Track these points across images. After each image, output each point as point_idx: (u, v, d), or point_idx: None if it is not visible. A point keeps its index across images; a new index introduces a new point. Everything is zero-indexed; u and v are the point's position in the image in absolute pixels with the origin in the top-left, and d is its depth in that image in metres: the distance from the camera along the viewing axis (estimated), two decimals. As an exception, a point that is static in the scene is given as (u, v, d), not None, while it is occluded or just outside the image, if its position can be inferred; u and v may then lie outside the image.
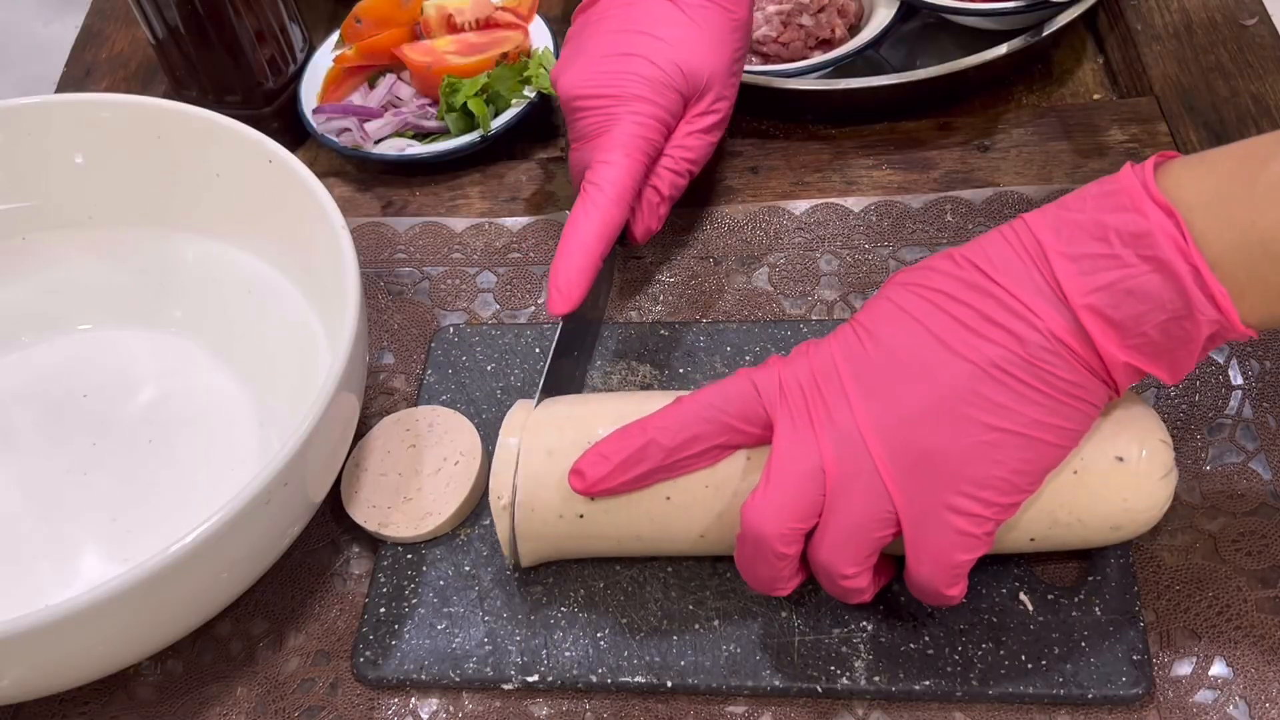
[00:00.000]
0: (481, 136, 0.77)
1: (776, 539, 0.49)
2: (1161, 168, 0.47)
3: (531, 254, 0.73)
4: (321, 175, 0.63)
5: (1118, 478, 0.51)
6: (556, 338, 0.61)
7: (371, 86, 0.82)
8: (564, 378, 0.62)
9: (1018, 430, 0.47)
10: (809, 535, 0.50)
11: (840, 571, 0.49)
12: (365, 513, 0.60)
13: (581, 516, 0.53)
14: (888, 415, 0.48)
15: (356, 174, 0.81)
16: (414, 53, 0.79)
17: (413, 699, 0.56)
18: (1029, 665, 0.52)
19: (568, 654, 0.55)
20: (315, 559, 0.61)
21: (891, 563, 0.53)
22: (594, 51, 0.64)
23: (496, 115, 0.78)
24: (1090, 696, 0.51)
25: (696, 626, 0.55)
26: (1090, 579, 0.55)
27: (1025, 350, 0.46)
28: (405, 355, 0.69)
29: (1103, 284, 0.45)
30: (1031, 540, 0.53)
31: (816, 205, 0.72)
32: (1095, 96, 0.79)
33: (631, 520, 0.53)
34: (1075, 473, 0.51)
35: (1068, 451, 0.49)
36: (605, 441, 0.52)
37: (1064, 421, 0.48)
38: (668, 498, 0.53)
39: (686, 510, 0.53)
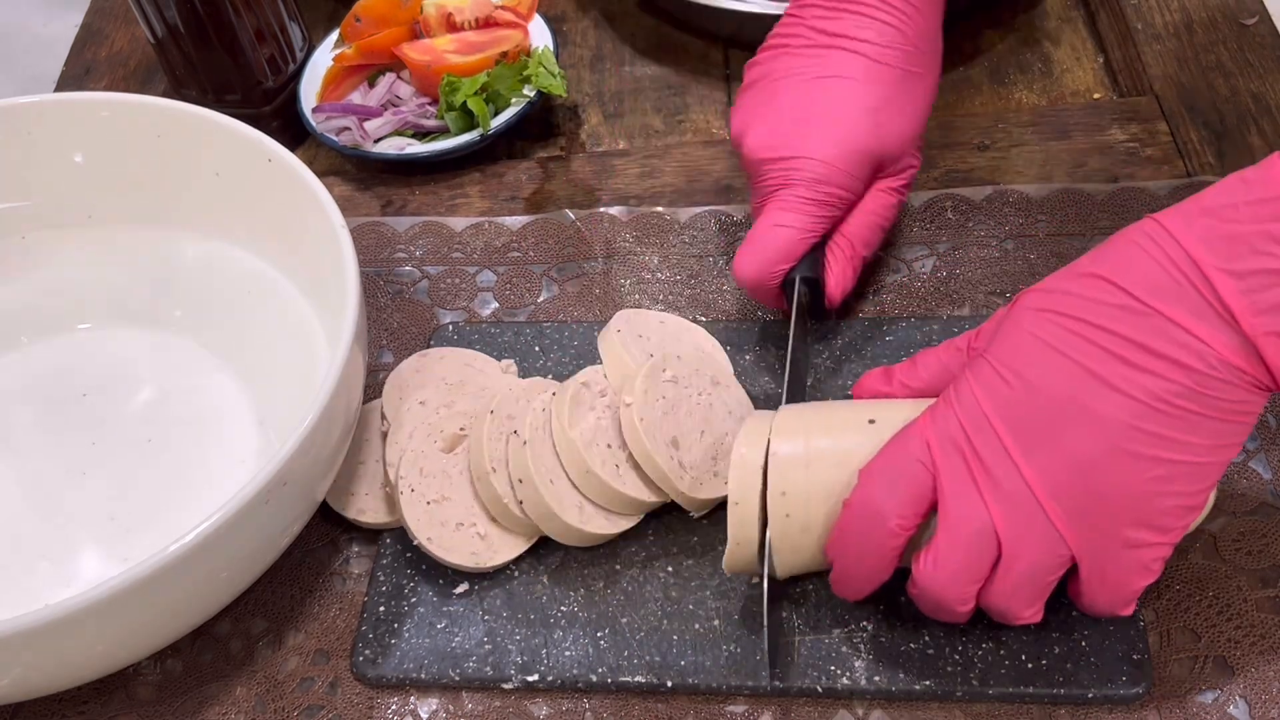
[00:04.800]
0: (481, 135, 0.77)
1: (956, 602, 0.48)
2: None
3: (531, 253, 0.73)
4: (321, 174, 0.63)
5: None
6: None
7: (371, 85, 0.82)
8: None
9: (1187, 459, 0.45)
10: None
11: (1017, 615, 0.49)
12: (342, 500, 0.60)
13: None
14: (1053, 465, 0.46)
15: (356, 173, 0.81)
16: (413, 51, 0.79)
17: (412, 698, 0.56)
18: (1029, 665, 0.52)
19: (568, 653, 0.55)
20: (315, 558, 0.61)
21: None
22: (786, 111, 0.61)
23: (496, 114, 0.78)
24: (1090, 696, 0.51)
25: (696, 626, 0.55)
26: (1090, 578, 0.55)
27: (1191, 379, 0.44)
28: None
29: (1276, 302, 0.43)
30: None
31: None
32: (1095, 96, 0.79)
33: None
34: None
35: (1228, 464, 0.47)
36: (843, 591, 0.51)
37: (1230, 440, 0.46)
38: (787, 514, 0.52)
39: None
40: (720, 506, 0.59)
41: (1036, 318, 0.48)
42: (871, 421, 0.52)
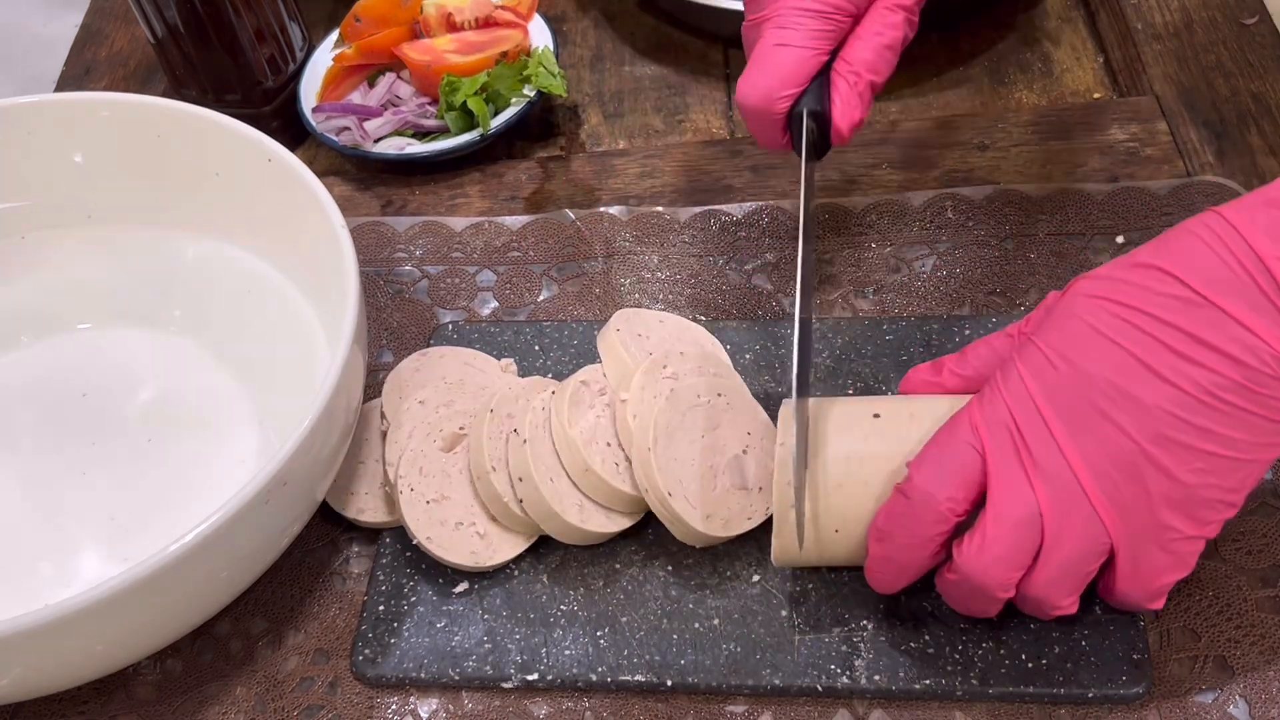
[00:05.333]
0: (481, 135, 0.77)
1: (996, 588, 0.48)
2: None
3: (531, 252, 0.73)
4: (321, 174, 0.63)
5: None
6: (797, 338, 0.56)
7: (371, 85, 0.82)
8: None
9: (1231, 455, 0.45)
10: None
11: (1054, 605, 0.48)
12: (342, 499, 0.60)
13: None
14: (1098, 452, 0.46)
15: (356, 173, 0.81)
16: (413, 51, 0.79)
17: (412, 697, 0.56)
18: (1029, 664, 0.52)
19: (567, 652, 0.55)
20: (314, 558, 0.61)
21: None
22: None
23: (496, 114, 0.78)
24: (1090, 696, 0.51)
25: (696, 626, 0.55)
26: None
27: (1242, 374, 0.44)
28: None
29: None
30: None
31: (817, 204, 0.72)
32: (1095, 96, 0.79)
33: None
34: None
35: (1270, 464, 0.47)
36: (879, 582, 0.52)
37: (1274, 439, 0.45)
38: (836, 530, 0.52)
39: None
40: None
41: (1089, 304, 0.47)
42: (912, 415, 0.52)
